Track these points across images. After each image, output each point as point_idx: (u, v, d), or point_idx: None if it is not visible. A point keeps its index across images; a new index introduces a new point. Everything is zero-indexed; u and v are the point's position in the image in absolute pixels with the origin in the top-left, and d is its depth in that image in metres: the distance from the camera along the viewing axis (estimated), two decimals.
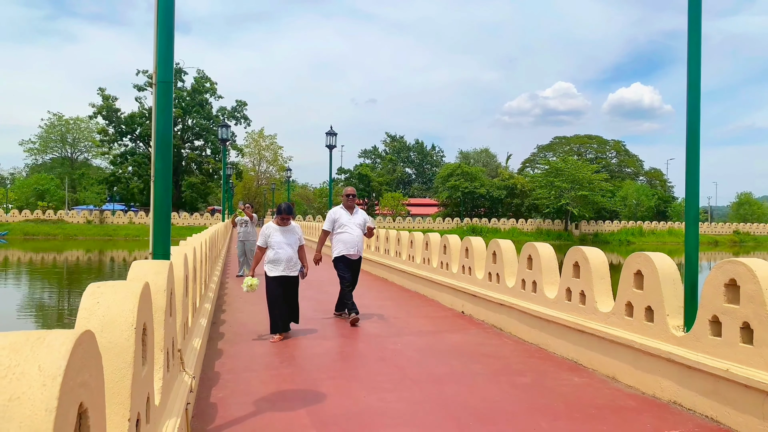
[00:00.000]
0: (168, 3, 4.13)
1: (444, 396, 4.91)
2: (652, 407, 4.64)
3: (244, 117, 74.13)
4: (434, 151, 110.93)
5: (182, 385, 3.79)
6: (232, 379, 5.34)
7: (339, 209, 8.30)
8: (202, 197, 71.08)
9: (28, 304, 18.07)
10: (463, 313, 9.02)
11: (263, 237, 7.16)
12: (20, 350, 1.36)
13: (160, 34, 4.12)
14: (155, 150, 4.04)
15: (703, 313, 4.49)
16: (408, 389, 5.10)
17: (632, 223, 72.64)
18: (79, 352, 1.45)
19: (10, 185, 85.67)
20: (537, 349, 6.67)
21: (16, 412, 1.25)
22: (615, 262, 32.87)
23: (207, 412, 4.43)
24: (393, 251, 13.81)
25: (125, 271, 21.17)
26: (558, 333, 6.41)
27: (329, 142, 23.02)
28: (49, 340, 1.40)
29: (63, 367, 1.33)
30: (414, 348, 6.69)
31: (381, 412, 4.47)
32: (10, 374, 1.31)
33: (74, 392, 1.41)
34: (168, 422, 3.09)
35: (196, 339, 5.43)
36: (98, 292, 2.36)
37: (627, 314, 5.40)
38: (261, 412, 4.44)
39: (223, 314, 8.86)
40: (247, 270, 14.22)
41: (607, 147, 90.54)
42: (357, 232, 8.16)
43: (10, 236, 51.95)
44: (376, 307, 9.62)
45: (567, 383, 5.32)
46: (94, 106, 66.59)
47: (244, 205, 14.90)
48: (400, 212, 73.51)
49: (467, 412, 4.51)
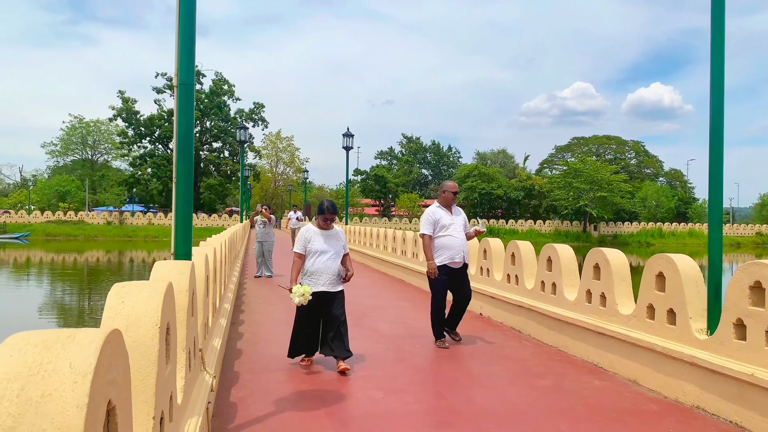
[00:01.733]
0: (189, 7, 4.17)
1: (463, 398, 4.89)
2: (675, 411, 4.59)
3: (262, 119, 74.60)
4: (451, 152, 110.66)
5: (203, 384, 3.83)
6: (252, 379, 5.37)
7: (437, 208, 7.00)
8: (220, 198, 71.63)
9: (52, 303, 18.35)
10: (481, 315, 8.99)
11: (302, 242, 5.85)
12: (52, 348, 1.39)
13: (182, 38, 4.16)
14: (177, 152, 4.08)
15: (727, 316, 4.42)
16: (426, 391, 5.10)
17: (652, 224, 71.88)
18: (108, 351, 1.48)
19: (33, 187, 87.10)
20: (556, 352, 6.62)
21: (49, 409, 1.27)
22: (634, 264, 32.52)
23: (227, 412, 4.46)
24: (410, 252, 13.81)
25: (145, 272, 21.54)
26: (578, 335, 6.36)
27: (346, 144, 23.11)
28: (80, 338, 1.43)
29: (93, 365, 1.35)
30: (432, 350, 6.68)
31: (400, 414, 4.47)
32: (42, 371, 1.33)
33: (103, 390, 1.43)
34: (190, 421, 3.12)
35: (217, 339, 5.47)
36: (123, 292, 2.39)
37: (648, 317, 5.34)
38: (280, 412, 4.46)
39: (241, 314, 8.91)
40: (266, 271, 14.30)
41: (626, 148, 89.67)
42: (461, 234, 6.89)
43: (32, 237, 52.79)
44: (394, 309, 9.62)
45: (587, 386, 5.28)
46: (113, 109, 67.50)
47: (262, 207, 14.99)
48: (416, 213, 73.43)
49: (486, 414, 4.49)
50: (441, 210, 6.97)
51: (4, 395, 1.27)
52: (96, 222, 60.15)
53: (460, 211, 7.13)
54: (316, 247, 5.77)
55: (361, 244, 20.29)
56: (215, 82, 71.04)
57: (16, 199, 77.02)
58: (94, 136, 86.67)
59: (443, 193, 7.05)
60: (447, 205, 7.01)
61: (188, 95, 4.09)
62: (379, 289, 12.45)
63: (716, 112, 4.93)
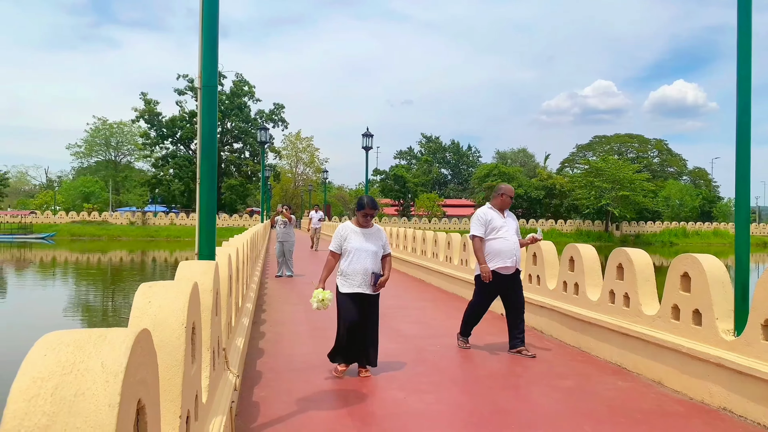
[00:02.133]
0: (212, 9, 4.22)
1: (485, 398, 4.88)
2: (701, 413, 4.52)
3: (282, 119, 75.02)
4: (470, 151, 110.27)
5: (227, 383, 3.86)
6: (274, 379, 5.41)
7: (489, 210, 6.64)
8: (241, 199, 72.20)
9: (78, 303, 18.66)
10: (502, 315, 8.92)
11: (337, 240, 5.53)
12: (84, 347, 1.41)
13: (205, 40, 4.21)
14: (200, 152, 4.13)
15: (755, 317, 4.35)
16: (448, 391, 5.08)
17: (675, 223, 70.81)
18: (138, 350, 1.50)
19: (58, 188, 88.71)
20: (579, 353, 6.56)
21: (82, 407, 1.29)
22: (657, 264, 32.08)
23: (250, 411, 4.50)
24: (430, 252, 13.78)
25: (167, 271, 21.74)
26: (601, 336, 6.30)
27: (365, 144, 23.12)
28: (111, 338, 1.45)
29: (124, 364, 1.38)
30: (454, 350, 6.66)
31: (421, 414, 4.47)
32: (75, 370, 1.35)
33: (134, 389, 1.45)
34: (214, 420, 3.15)
35: (239, 338, 5.52)
36: (150, 292, 2.42)
37: (673, 317, 5.26)
38: (303, 412, 4.49)
39: (263, 314, 8.98)
40: (286, 270, 14.38)
41: (648, 146, 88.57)
42: (514, 238, 6.52)
43: (58, 237, 53.75)
44: (414, 309, 9.62)
45: (611, 387, 5.22)
46: (136, 111, 68.40)
47: (283, 207, 15.09)
48: (436, 213, 73.30)
49: (509, 415, 4.47)
50: (493, 211, 6.62)
51: (39, 394, 1.30)
52: (119, 222, 61.06)
53: (514, 217, 6.78)
54: (353, 245, 5.43)
55: None
56: (236, 84, 71.63)
57: (42, 199, 78.54)
58: (117, 138, 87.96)
59: (500, 196, 6.65)
60: (501, 208, 6.65)
61: (212, 97, 4.13)
62: (399, 289, 12.45)
63: (743, 109, 4.84)
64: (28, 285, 23.18)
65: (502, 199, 6.64)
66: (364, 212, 5.50)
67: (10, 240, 50.76)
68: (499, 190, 6.72)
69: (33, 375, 1.33)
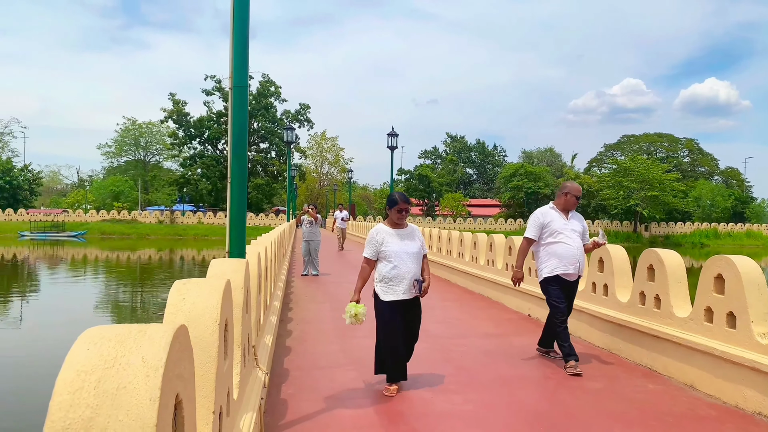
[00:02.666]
0: (243, 11, 4.27)
1: (513, 399, 4.85)
2: (735, 418, 4.43)
3: (307, 119, 75.45)
4: (496, 150, 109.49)
5: (256, 380, 3.91)
6: (301, 376, 5.45)
7: (550, 210, 6.08)
8: (267, 198, 72.81)
9: (111, 298, 19.04)
10: (529, 316, 8.87)
11: (373, 246, 5.02)
12: (125, 342, 1.45)
13: (236, 41, 4.26)
14: (231, 152, 4.18)
15: None
16: (475, 391, 5.06)
17: (706, 224, 69.35)
18: (176, 346, 1.53)
19: (89, 187, 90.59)
20: (608, 354, 6.48)
21: (124, 401, 1.33)
22: (688, 266, 31.46)
23: (278, 408, 4.54)
24: (455, 252, 13.74)
25: (195, 269, 22.02)
26: (631, 338, 6.21)
27: (390, 143, 23.13)
28: (150, 333, 1.48)
29: (164, 359, 1.41)
30: (480, 350, 6.63)
31: (449, 414, 4.46)
32: (117, 365, 1.39)
33: (172, 383, 1.48)
34: (245, 416, 3.19)
35: (268, 336, 5.58)
36: (184, 289, 2.47)
37: (706, 320, 5.16)
38: (330, 409, 4.51)
39: (290, 312, 9.05)
40: (312, 269, 14.47)
41: (678, 145, 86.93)
42: (577, 242, 5.93)
43: (89, 235, 54.88)
44: (440, 309, 9.59)
45: (641, 390, 5.15)
46: (165, 111, 69.43)
47: (309, 206, 15.20)
48: (460, 213, 72.98)
49: (538, 416, 4.44)
50: (554, 212, 6.04)
51: (83, 387, 1.33)
52: (148, 221, 62.08)
53: (580, 218, 6.17)
54: (392, 249, 4.94)
55: None
56: (262, 84, 72.24)
57: (74, 198, 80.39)
58: (146, 138, 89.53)
59: (564, 195, 6.04)
60: (565, 209, 6.05)
61: (242, 97, 4.18)
62: None
63: None
64: (62, 282, 23.72)
65: (566, 198, 6.03)
66: (398, 207, 4.99)
67: (44, 238, 52.00)
68: (564, 189, 6.10)
69: (77, 368, 1.37)
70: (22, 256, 34.91)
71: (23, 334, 13.41)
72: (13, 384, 9.34)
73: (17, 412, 8.01)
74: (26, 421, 7.59)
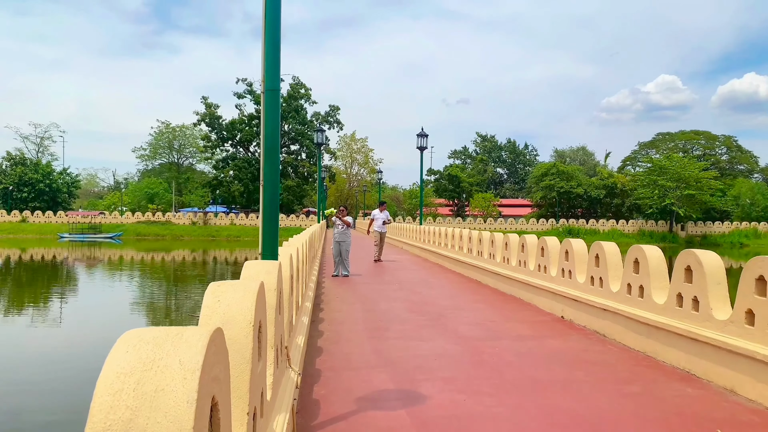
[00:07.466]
0: (275, 15, 4.30)
1: (547, 402, 4.78)
2: None
3: (337, 121, 75.90)
4: (527, 150, 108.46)
5: (289, 381, 3.93)
6: (333, 377, 5.47)
7: None
8: (297, 199, 73.49)
9: (146, 300, 19.44)
10: (562, 318, 8.75)
11: None
12: (162, 345, 1.47)
13: (267, 46, 4.30)
14: (264, 154, 4.22)
15: None
16: (508, 394, 5.01)
17: (746, 224, 67.49)
18: (213, 348, 1.54)
19: (125, 189, 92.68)
20: (644, 357, 6.34)
21: (162, 403, 1.34)
22: (726, 266, 30.66)
23: (310, 409, 4.56)
24: (486, 253, 13.62)
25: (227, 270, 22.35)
26: (668, 341, 6.07)
27: (420, 144, 23.10)
28: (187, 336, 1.50)
29: (201, 362, 1.42)
30: (512, 352, 6.56)
31: (482, 416, 4.42)
32: (155, 367, 1.41)
33: (209, 386, 1.50)
34: (278, 417, 3.21)
35: (300, 336, 5.61)
36: (219, 291, 2.49)
37: (748, 323, 5.01)
38: (362, 411, 4.52)
39: (321, 313, 9.09)
40: (343, 270, 14.53)
41: (716, 143, 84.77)
42: None
43: (125, 236, 56.15)
44: (471, 310, 9.53)
45: (680, 394, 5.02)
46: (197, 114, 70.68)
47: (339, 209, 15.30)
48: (491, 213, 72.47)
49: (573, 420, 4.36)
50: None
51: (123, 389, 1.35)
52: (182, 222, 63.22)
53: None
54: None
55: (436, 245, 20.22)
56: (293, 86, 72.92)
57: (110, 201, 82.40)
58: (179, 141, 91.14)
59: None
60: None
61: (274, 100, 4.22)
62: (455, 289, 12.38)
63: None
64: (99, 282, 24.30)
65: None
66: None
67: (82, 239, 53.37)
68: None
69: (117, 370, 1.39)
70: (62, 257, 35.90)
71: (65, 333, 13.82)
72: (61, 383, 9.66)
73: (67, 410, 8.30)
74: (76, 420, 7.84)
